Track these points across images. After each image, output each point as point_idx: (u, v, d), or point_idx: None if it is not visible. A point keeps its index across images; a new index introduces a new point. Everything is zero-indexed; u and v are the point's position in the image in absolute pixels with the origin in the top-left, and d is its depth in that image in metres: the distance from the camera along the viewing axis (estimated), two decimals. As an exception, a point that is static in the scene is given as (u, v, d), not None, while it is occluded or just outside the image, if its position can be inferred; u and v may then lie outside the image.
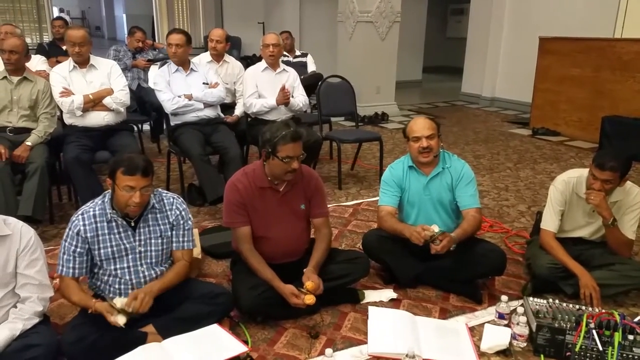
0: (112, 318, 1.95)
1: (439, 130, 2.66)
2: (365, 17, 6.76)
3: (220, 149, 3.80)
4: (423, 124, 2.62)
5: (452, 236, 2.45)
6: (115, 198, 2.07)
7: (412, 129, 2.64)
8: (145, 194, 2.04)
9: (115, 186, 2.03)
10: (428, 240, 2.42)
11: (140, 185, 2.00)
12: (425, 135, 2.58)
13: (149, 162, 2.07)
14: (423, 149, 2.59)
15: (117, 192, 2.03)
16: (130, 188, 1.99)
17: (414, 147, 2.63)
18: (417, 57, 10.84)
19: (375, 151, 5.25)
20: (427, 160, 2.62)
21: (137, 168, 1.99)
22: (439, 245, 2.40)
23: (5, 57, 3.34)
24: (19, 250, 1.94)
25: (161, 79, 3.81)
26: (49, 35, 7.89)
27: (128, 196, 2.00)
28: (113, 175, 2.03)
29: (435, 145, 2.60)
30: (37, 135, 3.34)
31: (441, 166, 2.68)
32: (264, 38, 4.16)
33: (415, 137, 2.61)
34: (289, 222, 2.47)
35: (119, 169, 2.00)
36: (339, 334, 2.30)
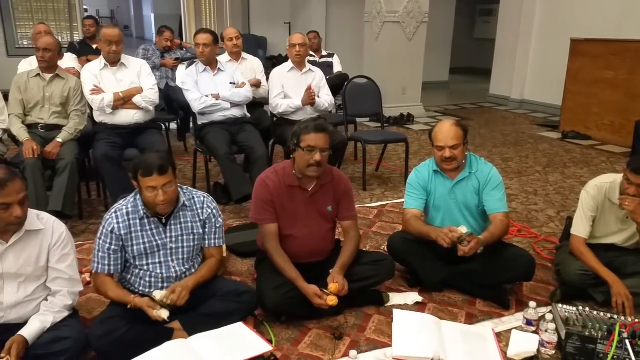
0: (154, 313, 1.98)
1: (465, 137, 2.57)
2: (392, 17, 6.72)
3: (246, 148, 3.82)
4: (447, 133, 2.53)
5: (480, 239, 2.41)
6: (143, 198, 2.10)
7: (436, 137, 2.57)
8: (168, 191, 2.06)
9: (140, 188, 2.08)
10: (455, 241, 2.38)
11: (161, 183, 2.03)
12: (449, 146, 2.51)
13: (165, 159, 2.08)
14: (446, 159, 2.53)
15: (144, 193, 2.07)
16: (152, 188, 2.03)
17: (437, 154, 2.57)
18: (444, 58, 10.72)
19: (401, 152, 5.21)
20: (450, 168, 2.58)
21: (153, 168, 2.02)
22: (467, 246, 2.36)
23: (39, 54, 3.42)
24: (50, 245, 1.98)
25: (189, 78, 3.84)
26: (80, 34, 8.06)
27: (153, 196, 2.04)
28: (136, 178, 2.08)
29: (459, 154, 2.53)
30: (68, 132, 3.41)
31: (468, 171, 2.62)
32: (290, 38, 4.17)
33: (438, 145, 2.55)
34: (315, 222, 2.47)
35: (138, 171, 2.05)
36: (363, 335, 2.29)
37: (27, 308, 1.97)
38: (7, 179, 1.82)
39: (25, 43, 8.17)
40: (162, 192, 2.03)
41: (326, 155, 2.35)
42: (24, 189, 1.88)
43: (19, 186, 1.85)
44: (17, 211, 1.83)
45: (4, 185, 1.80)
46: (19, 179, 1.88)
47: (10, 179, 1.83)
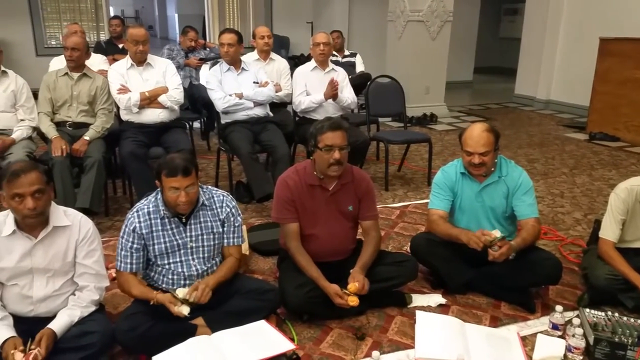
0: (176, 309, 2.00)
1: (497, 143, 2.50)
2: (416, 16, 6.67)
3: (268, 147, 3.83)
4: (478, 139, 2.45)
5: (512, 244, 2.37)
6: (164, 198, 2.13)
7: (466, 142, 2.50)
8: (191, 192, 2.08)
9: (162, 187, 2.10)
10: (487, 245, 2.34)
11: (184, 185, 2.05)
12: (479, 152, 2.45)
13: (190, 161, 2.10)
14: (474, 165, 2.49)
15: (166, 193, 2.09)
16: (175, 189, 2.05)
17: (465, 159, 2.52)
18: (469, 58, 10.61)
19: (423, 153, 5.17)
20: (478, 173, 2.54)
21: (178, 169, 2.03)
22: (498, 252, 2.32)
23: (67, 54, 3.49)
24: (77, 241, 2.02)
25: (213, 77, 3.87)
26: (106, 33, 8.19)
27: (175, 196, 2.06)
28: (159, 178, 2.09)
29: (489, 160, 2.47)
30: (95, 130, 3.47)
31: (497, 175, 2.57)
32: (314, 37, 4.17)
33: (468, 151, 2.49)
34: (336, 221, 2.46)
35: (162, 172, 2.07)
36: (385, 336, 2.28)
37: (55, 302, 2.01)
38: (21, 170, 1.86)
39: (53, 43, 8.35)
40: (184, 193, 2.05)
41: (345, 152, 2.34)
42: (39, 182, 1.89)
43: (33, 178, 1.87)
44: (29, 203, 1.85)
45: (17, 176, 1.84)
46: (37, 171, 1.90)
47: (25, 170, 1.86)
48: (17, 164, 1.93)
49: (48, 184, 1.95)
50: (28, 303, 1.99)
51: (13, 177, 1.84)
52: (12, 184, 1.84)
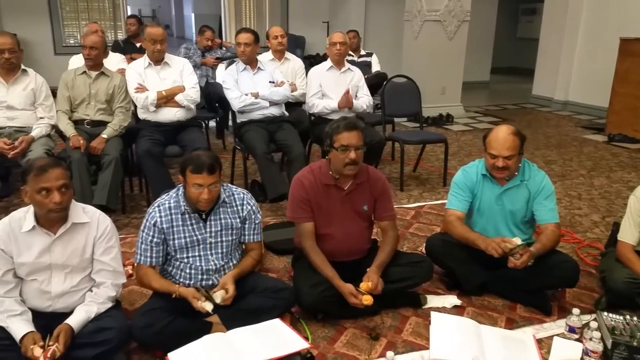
0: (199, 304, 2.03)
1: (522, 147, 2.45)
2: (433, 16, 6.63)
3: (284, 147, 3.84)
4: (503, 142, 2.40)
5: (532, 251, 2.35)
6: (186, 194, 2.15)
7: (490, 144, 2.45)
8: (213, 190, 2.11)
9: (185, 183, 2.11)
10: (507, 253, 2.32)
11: (208, 182, 2.07)
12: (503, 156, 2.41)
13: (216, 160, 2.13)
14: (498, 168, 2.45)
15: (188, 189, 2.11)
16: (198, 185, 2.07)
17: (489, 161, 2.48)
18: (486, 58, 10.52)
19: (439, 153, 5.14)
20: (501, 176, 2.51)
21: (204, 166, 2.06)
22: (519, 260, 2.30)
23: (85, 52, 3.53)
24: (96, 238, 2.05)
25: (229, 77, 3.89)
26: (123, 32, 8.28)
27: (198, 193, 2.08)
28: (183, 173, 2.12)
29: (513, 164, 2.43)
30: (113, 129, 3.50)
31: (519, 179, 2.53)
32: (330, 36, 4.16)
33: (491, 154, 2.45)
34: (352, 221, 2.46)
35: (187, 167, 2.09)
36: (399, 337, 2.27)
37: (73, 298, 2.04)
38: (48, 165, 1.89)
39: (71, 42, 8.45)
40: (207, 191, 2.07)
41: (361, 152, 2.33)
42: (65, 177, 1.93)
43: (59, 173, 1.90)
44: (55, 197, 1.88)
45: (44, 170, 1.87)
46: (62, 168, 1.94)
47: (51, 165, 1.90)
48: (41, 159, 1.96)
49: (71, 180, 1.99)
50: (46, 298, 2.02)
51: (41, 172, 1.87)
52: (39, 178, 1.87)
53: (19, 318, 1.92)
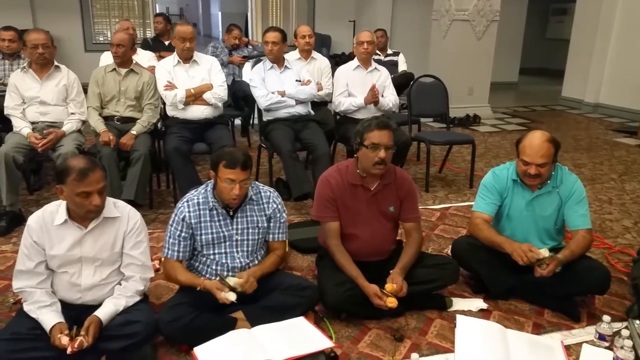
0: (222, 295, 2.04)
1: (556, 154, 2.39)
2: (461, 15, 6.56)
3: (309, 146, 3.84)
4: (538, 150, 2.33)
5: (560, 258, 2.30)
6: (217, 189, 2.17)
7: (524, 150, 2.38)
8: (244, 187, 2.13)
9: (217, 178, 2.13)
10: (533, 263, 2.28)
11: (240, 178, 2.09)
12: (537, 163, 2.35)
13: (249, 157, 2.16)
14: (530, 175, 2.39)
15: (219, 184, 2.13)
16: (230, 181, 2.08)
17: (521, 167, 2.42)
18: (514, 58, 10.35)
19: (466, 154, 5.08)
20: (532, 183, 2.45)
21: (238, 162, 2.08)
22: (546, 269, 2.26)
23: (113, 50, 3.60)
24: (126, 232, 2.08)
25: (256, 75, 3.91)
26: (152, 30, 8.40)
27: (229, 188, 2.09)
28: (215, 168, 2.13)
29: (545, 172, 2.37)
30: (142, 125, 3.56)
31: (551, 185, 2.47)
32: (358, 35, 4.15)
33: (524, 160, 2.38)
34: (377, 221, 2.45)
35: (221, 162, 2.10)
36: (424, 339, 2.25)
37: (102, 291, 2.07)
38: (89, 169, 1.92)
39: (101, 39, 8.62)
40: (238, 187, 2.10)
41: (390, 152, 2.32)
42: (104, 178, 1.98)
43: (99, 176, 1.95)
44: (96, 200, 1.93)
45: (85, 175, 1.90)
46: (100, 169, 1.98)
47: (91, 168, 1.93)
48: (79, 161, 1.97)
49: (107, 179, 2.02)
50: (76, 291, 2.06)
51: (82, 176, 1.90)
52: (81, 182, 1.90)
53: (49, 309, 1.96)
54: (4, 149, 3.18)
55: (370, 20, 8.64)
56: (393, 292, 2.18)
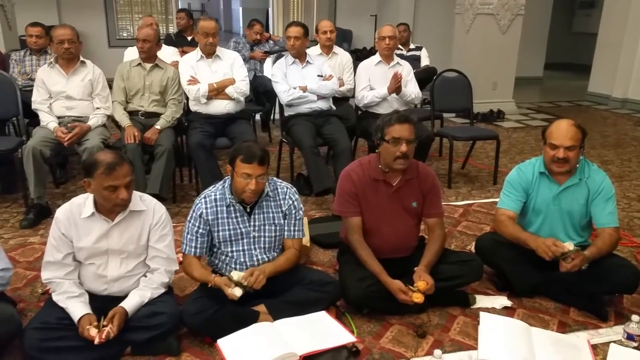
0: (229, 290, 2.05)
1: (583, 140, 2.37)
2: (485, 9, 6.46)
3: (330, 141, 3.84)
4: (565, 132, 2.33)
5: (586, 255, 2.26)
6: (233, 184, 2.18)
7: (551, 134, 2.37)
8: (260, 182, 2.13)
9: (234, 173, 2.14)
10: (559, 257, 2.25)
11: (257, 173, 2.09)
12: (565, 146, 2.32)
13: (266, 152, 2.15)
14: (558, 159, 2.35)
15: (236, 179, 2.13)
16: (247, 175, 2.09)
17: (549, 153, 2.38)
18: (539, 53, 10.15)
19: (489, 150, 5.01)
20: (560, 171, 2.40)
21: (255, 157, 2.08)
22: (570, 263, 2.22)
23: (139, 45, 3.63)
24: (151, 225, 2.11)
25: (278, 70, 3.91)
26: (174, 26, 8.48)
27: (245, 183, 2.09)
28: (233, 163, 2.14)
29: (573, 157, 2.34)
30: (166, 120, 3.59)
31: (578, 177, 2.43)
32: (380, 30, 4.11)
33: (552, 144, 2.36)
34: (399, 217, 2.43)
35: (238, 156, 2.11)
36: (446, 336, 2.23)
37: (127, 282, 2.11)
38: (116, 163, 1.95)
39: (124, 34, 8.74)
40: (254, 182, 2.09)
41: (412, 146, 2.29)
42: (131, 173, 2.00)
43: (126, 170, 1.97)
44: (123, 194, 1.96)
45: (113, 169, 1.93)
46: (127, 163, 2.01)
47: (119, 163, 1.95)
48: (107, 155, 1.99)
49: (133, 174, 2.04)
50: (102, 282, 2.10)
51: (110, 170, 1.93)
52: (109, 176, 1.93)
53: (77, 300, 2.01)
54: (31, 143, 3.24)
55: (393, 14, 8.55)
56: (424, 289, 2.15)
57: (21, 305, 2.37)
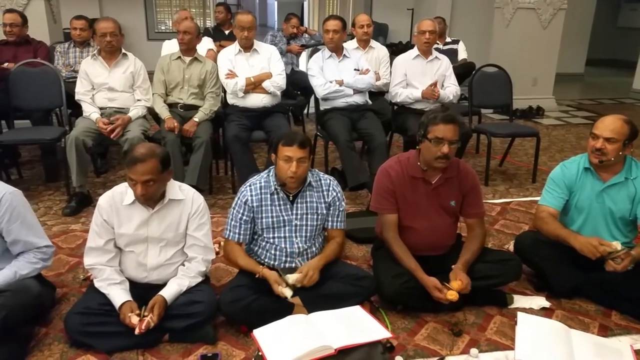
0: (280, 289, 2.09)
1: (631, 138, 2.33)
2: (526, 3, 6.30)
3: (366, 135, 3.82)
4: (609, 124, 2.31)
5: (633, 255, 2.18)
6: (277, 171, 2.21)
7: (596, 124, 2.37)
8: (301, 165, 2.16)
9: (277, 158, 2.18)
10: (605, 256, 2.18)
11: (297, 156, 2.12)
12: (604, 137, 2.29)
13: (307, 138, 2.21)
14: (595, 150, 2.32)
15: (278, 164, 2.18)
16: (288, 158, 2.13)
17: (590, 143, 2.36)
18: (581, 48, 9.84)
19: (528, 148, 4.90)
20: (595, 161, 2.35)
21: (295, 139, 2.14)
22: (620, 264, 2.16)
23: (179, 37, 3.68)
24: (190, 214, 2.15)
25: (315, 64, 3.90)
26: (212, 20, 8.56)
27: (287, 166, 2.14)
28: (275, 148, 2.18)
29: (612, 151, 2.30)
30: (204, 112, 3.64)
31: (624, 175, 2.37)
32: (419, 24, 4.04)
33: (594, 134, 2.34)
34: (437, 215, 2.40)
35: (280, 141, 2.17)
36: (483, 335, 2.20)
37: (166, 271, 2.16)
38: (139, 159, 1.97)
39: (162, 28, 8.88)
40: (295, 164, 2.13)
41: (455, 147, 2.26)
42: (154, 172, 1.98)
43: (147, 169, 1.96)
44: (139, 189, 2.00)
45: (134, 164, 1.97)
46: (154, 162, 1.98)
47: (142, 160, 1.97)
48: (140, 148, 2.03)
49: (164, 172, 2.04)
50: (142, 270, 2.15)
51: (131, 163, 1.98)
52: (130, 169, 1.99)
53: (119, 287, 2.07)
54: (74, 133, 3.33)
55: (430, 8, 8.42)
56: (458, 289, 2.13)
57: (64, 290, 2.45)
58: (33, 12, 5.06)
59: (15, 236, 2.03)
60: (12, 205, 2.01)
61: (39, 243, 2.09)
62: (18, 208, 2.03)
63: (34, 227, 2.11)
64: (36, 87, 3.80)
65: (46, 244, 2.12)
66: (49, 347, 2.05)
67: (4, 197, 2.00)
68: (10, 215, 2.01)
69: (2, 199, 1.99)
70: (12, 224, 2.02)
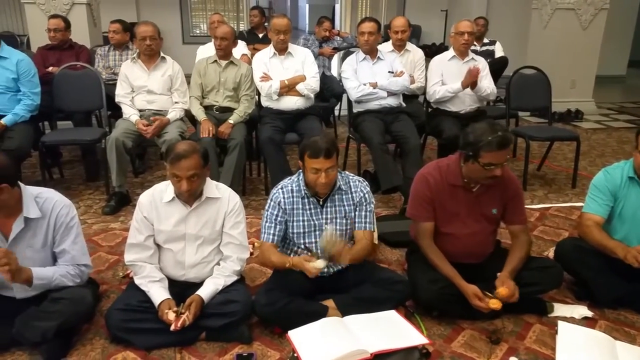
0: (310, 264, 2.06)
1: None
2: (565, 3, 6.14)
3: (399, 138, 3.78)
4: None
5: None
6: (305, 177, 2.21)
7: None
8: (331, 174, 2.14)
9: (304, 168, 2.17)
10: None
11: (325, 166, 2.11)
12: None
13: (332, 144, 2.15)
14: None
15: (306, 173, 2.17)
16: (316, 170, 2.11)
17: (637, 157, 2.26)
18: (623, 49, 9.52)
19: (567, 152, 4.77)
20: None
21: (320, 151, 2.09)
22: None
23: (217, 43, 3.72)
24: (226, 212, 2.19)
25: (348, 67, 3.89)
26: (245, 24, 8.65)
27: (315, 177, 2.12)
28: (302, 158, 2.18)
29: None
30: (238, 115, 3.67)
31: None
32: (457, 25, 3.98)
33: None
34: (477, 223, 2.33)
35: (306, 152, 2.14)
36: (522, 344, 2.14)
37: (203, 269, 2.20)
38: (182, 155, 2.02)
39: (197, 31, 9.03)
40: (324, 175, 2.11)
41: (505, 167, 2.19)
42: (197, 167, 2.04)
43: (190, 164, 2.02)
44: (184, 185, 2.04)
45: (178, 159, 2.01)
46: (197, 157, 2.05)
47: (186, 156, 2.02)
48: (182, 145, 2.09)
49: (205, 167, 2.11)
50: (180, 268, 2.20)
51: (175, 160, 2.02)
52: (173, 165, 2.03)
53: (158, 284, 2.11)
54: (114, 134, 3.41)
55: (465, 9, 8.32)
56: (505, 296, 2.07)
57: (104, 287, 2.51)
58: (75, 17, 5.23)
59: (64, 247, 2.07)
60: (69, 217, 2.07)
61: (81, 260, 2.11)
62: (75, 219, 2.09)
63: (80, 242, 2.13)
64: (78, 89, 3.90)
65: (86, 262, 2.14)
66: (90, 342, 2.10)
67: (62, 209, 2.05)
68: (65, 227, 2.06)
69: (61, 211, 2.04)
70: (65, 235, 2.06)
